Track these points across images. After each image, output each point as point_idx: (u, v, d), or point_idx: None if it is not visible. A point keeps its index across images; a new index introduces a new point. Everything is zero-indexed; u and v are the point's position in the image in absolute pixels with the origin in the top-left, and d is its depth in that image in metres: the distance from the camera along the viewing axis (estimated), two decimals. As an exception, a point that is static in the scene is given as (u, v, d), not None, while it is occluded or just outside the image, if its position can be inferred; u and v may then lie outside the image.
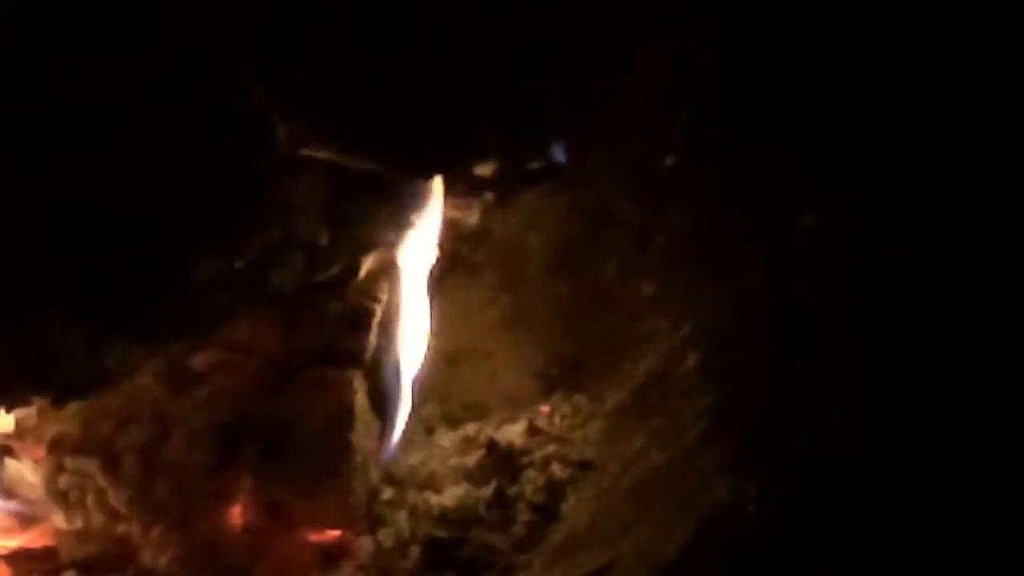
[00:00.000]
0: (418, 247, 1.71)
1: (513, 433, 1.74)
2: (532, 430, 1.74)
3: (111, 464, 1.57)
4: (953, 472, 1.31)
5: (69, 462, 1.58)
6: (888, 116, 1.62)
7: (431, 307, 1.74)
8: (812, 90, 1.68)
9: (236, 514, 1.59)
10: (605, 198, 1.85)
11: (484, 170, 1.69)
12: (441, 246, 1.74)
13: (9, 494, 1.63)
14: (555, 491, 1.64)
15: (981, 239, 1.49)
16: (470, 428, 1.77)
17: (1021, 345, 1.39)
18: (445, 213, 1.72)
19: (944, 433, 1.35)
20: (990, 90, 1.59)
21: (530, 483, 1.66)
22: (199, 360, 1.60)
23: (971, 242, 1.49)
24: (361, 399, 1.64)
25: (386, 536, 1.61)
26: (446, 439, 1.77)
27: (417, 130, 1.43)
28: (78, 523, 1.59)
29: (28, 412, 1.56)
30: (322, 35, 1.37)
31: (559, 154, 1.69)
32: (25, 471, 1.62)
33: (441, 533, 1.60)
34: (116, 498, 1.57)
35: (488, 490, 1.64)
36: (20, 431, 1.60)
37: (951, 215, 1.51)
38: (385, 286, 1.67)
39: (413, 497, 1.66)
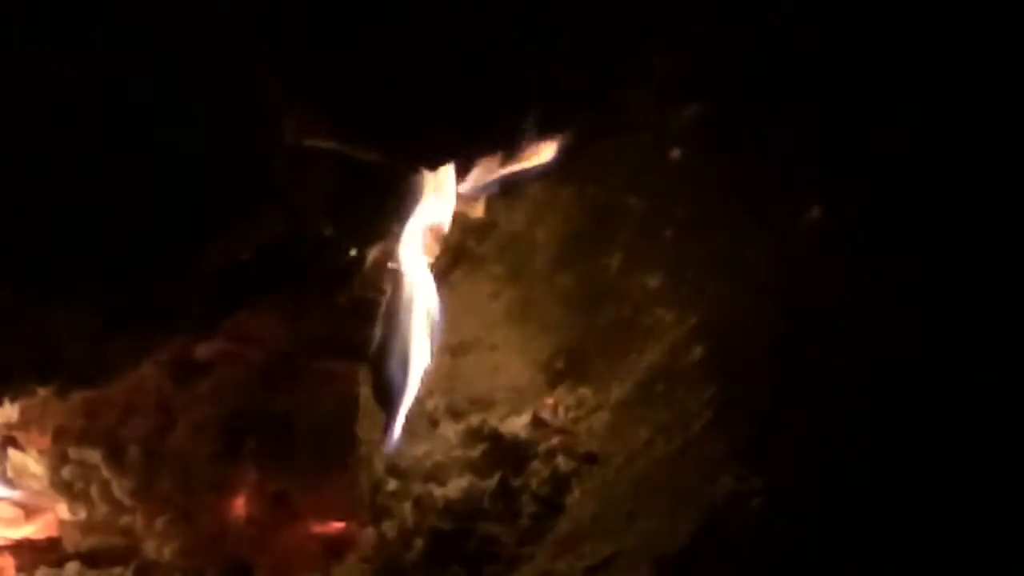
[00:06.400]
0: (423, 239, 1.71)
1: (518, 425, 1.74)
2: (537, 422, 1.73)
3: (115, 455, 1.57)
4: (956, 468, 1.31)
5: (73, 453, 1.57)
6: (894, 111, 1.62)
7: (437, 299, 1.74)
8: (819, 84, 1.68)
9: (240, 505, 1.59)
10: (611, 191, 1.85)
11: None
12: (446, 238, 1.74)
13: (13, 485, 1.63)
14: (560, 483, 1.64)
15: (985, 235, 1.49)
16: (474, 420, 1.77)
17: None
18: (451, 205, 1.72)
19: (947, 428, 1.35)
20: (993, 86, 1.59)
21: (535, 475, 1.65)
22: (203, 351, 1.59)
23: (975, 239, 1.49)
24: (365, 391, 1.63)
25: (390, 528, 1.61)
26: (451, 431, 1.76)
27: (424, 121, 1.43)
28: (82, 514, 1.59)
29: (32, 402, 1.55)
30: (329, 25, 1.37)
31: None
32: (29, 462, 1.62)
33: (445, 525, 1.60)
34: (120, 489, 1.57)
35: (492, 482, 1.64)
36: (24, 421, 1.60)
37: (956, 212, 1.51)
38: (390, 278, 1.67)
39: (417, 489, 1.65)
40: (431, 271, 1.75)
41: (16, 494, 1.63)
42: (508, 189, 1.81)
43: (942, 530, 1.27)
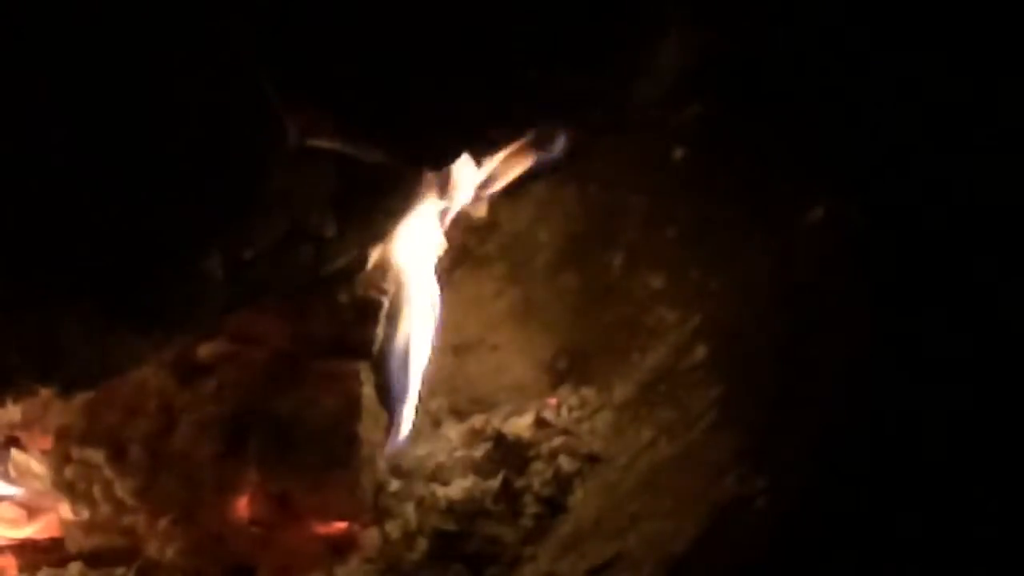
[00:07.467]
0: (426, 239, 1.71)
1: (520, 426, 1.74)
2: (539, 422, 1.73)
3: (118, 455, 1.57)
4: (958, 466, 1.31)
5: (75, 453, 1.57)
6: (895, 111, 1.62)
7: (439, 299, 1.74)
8: (821, 84, 1.68)
9: (243, 506, 1.59)
10: (613, 190, 1.86)
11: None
12: (449, 238, 1.74)
13: (15, 485, 1.63)
14: (562, 484, 1.63)
15: (985, 235, 1.49)
16: (477, 420, 1.77)
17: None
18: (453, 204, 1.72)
19: (948, 426, 1.35)
20: (993, 85, 1.59)
21: (537, 476, 1.65)
22: (206, 351, 1.60)
23: (975, 239, 1.49)
24: (368, 391, 1.63)
25: (393, 528, 1.60)
26: (453, 431, 1.77)
27: (426, 121, 1.43)
28: (84, 514, 1.59)
29: (34, 402, 1.55)
30: (329, 24, 1.37)
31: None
32: (31, 462, 1.62)
33: (448, 525, 1.60)
34: (122, 489, 1.57)
35: (495, 482, 1.64)
36: (26, 421, 1.60)
37: (955, 211, 1.51)
38: (392, 278, 1.67)
39: (420, 489, 1.65)
40: (433, 271, 1.75)
41: (19, 494, 1.63)
42: (510, 188, 1.81)
43: (944, 531, 1.27)
